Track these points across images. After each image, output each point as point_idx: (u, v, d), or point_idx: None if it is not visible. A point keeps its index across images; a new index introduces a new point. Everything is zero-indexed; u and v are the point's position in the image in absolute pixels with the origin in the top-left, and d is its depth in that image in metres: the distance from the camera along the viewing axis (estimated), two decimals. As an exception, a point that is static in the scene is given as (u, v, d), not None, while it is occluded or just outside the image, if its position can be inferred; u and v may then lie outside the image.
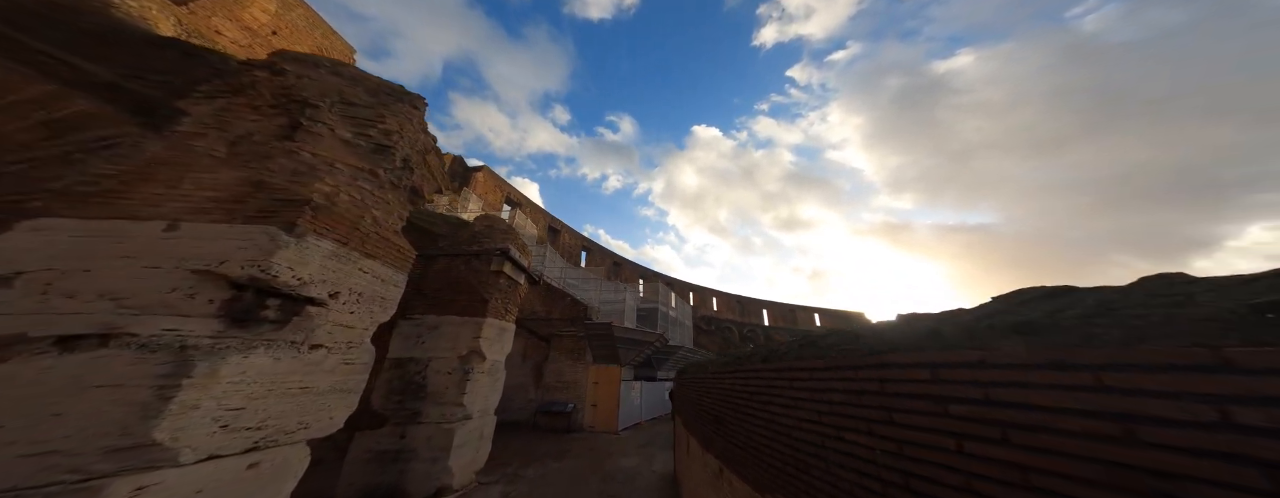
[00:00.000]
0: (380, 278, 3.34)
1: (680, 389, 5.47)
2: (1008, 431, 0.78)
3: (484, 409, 5.67)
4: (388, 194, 3.79)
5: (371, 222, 3.38)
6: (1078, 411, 0.68)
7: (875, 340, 1.30)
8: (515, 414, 10.99)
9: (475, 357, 5.37)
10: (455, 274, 5.90)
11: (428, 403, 4.90)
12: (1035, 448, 0.74)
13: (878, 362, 1.19)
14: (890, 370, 1.13)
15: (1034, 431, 0.74)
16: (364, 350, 3.12)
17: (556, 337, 11.57)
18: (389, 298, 3.47)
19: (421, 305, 5.55)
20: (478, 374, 5.34)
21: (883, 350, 1.20)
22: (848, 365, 1.30)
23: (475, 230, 6.55)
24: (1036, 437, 0.74)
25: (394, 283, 3.55)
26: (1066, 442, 0.69)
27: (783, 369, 1.82)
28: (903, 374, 1.08)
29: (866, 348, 1.29)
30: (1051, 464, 0.71)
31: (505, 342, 6.21)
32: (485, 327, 5.48)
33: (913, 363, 1.06)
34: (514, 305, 6.63)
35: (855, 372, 1.27)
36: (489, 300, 5.70)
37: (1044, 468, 0.72)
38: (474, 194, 16.49)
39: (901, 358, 1.10)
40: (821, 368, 1.46)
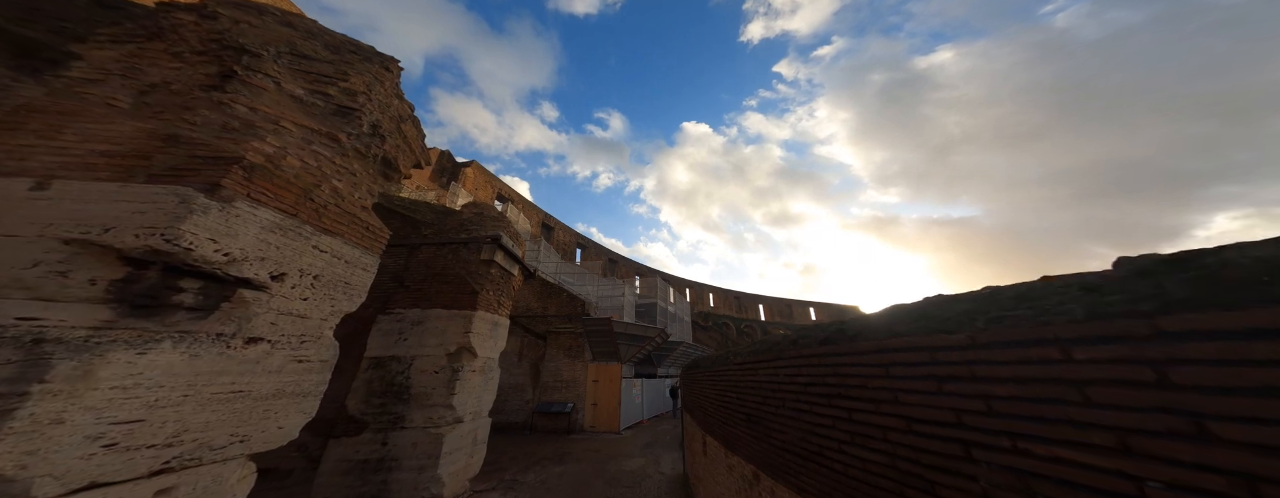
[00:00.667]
0: (343, 259, 2.78)
1: (691, 385, 4.99)
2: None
3: (477, 411, 5.13)
4: (353, 163, 3.22)
5: (331, 193, 2.82)
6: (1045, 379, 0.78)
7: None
8: (512, 416, 10.42)
9: (465, 354, 4.81)
10: (442, 264, 5.33)
11: (412, 406, 4.35)
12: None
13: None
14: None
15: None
16: (323, 346, 2.56)
17: (553, 334, 11.02)
18: (356, 284, 2.91)
19: (404, 299, 4.97)
20: (468, 373, 4.79)
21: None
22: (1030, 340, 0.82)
23: (464, 218, 5.98)
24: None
25: (362, 266, 2.99)
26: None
27: (862, 354, 1.33)
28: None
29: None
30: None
31: (499, 338, 5.66)
32: (476, 321, 4.93)
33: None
34: (507, 299, 6.08)
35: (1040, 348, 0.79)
36: (479, 292, 5.15)
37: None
38: (463, 190, 15.82)
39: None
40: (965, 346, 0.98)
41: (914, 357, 1.10)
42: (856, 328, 1.49)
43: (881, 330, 1.27)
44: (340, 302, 2.73)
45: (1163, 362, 0.63)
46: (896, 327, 1.22)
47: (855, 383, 1.35)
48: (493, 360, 5.51)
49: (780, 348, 2.09)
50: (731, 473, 2.94)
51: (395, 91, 3.93)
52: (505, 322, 5.92)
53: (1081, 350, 0.73)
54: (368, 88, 3.43)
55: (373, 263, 3.12)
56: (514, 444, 8.37)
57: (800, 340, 1.89)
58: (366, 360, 4.43)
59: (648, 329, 11.07)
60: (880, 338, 1.25)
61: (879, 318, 1.39)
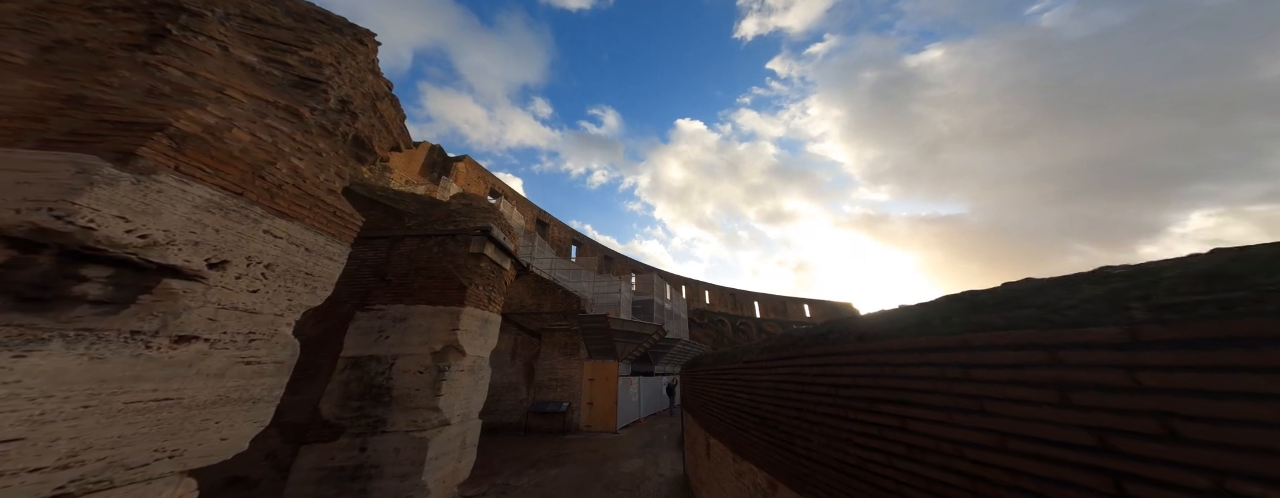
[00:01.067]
0: (303, 246, 2.44)
1: (693, 383, 4.72)
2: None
3: (465, 413, 4.81)
4: (318, 141, 2.87)
5: (289, 173, 2.47)
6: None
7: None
8: (504, 416, 10.11)
9: (452, 352, 4.49)
10: (427, 258, 4.98)
11: (394, 408, 4.01)
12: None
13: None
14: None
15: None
16: (278, 345, 2.22)
17: (548, 331, 10.70)
18: (320, 274, 2.57)
19: (385, 294, 4.62)
20: (456, 373, 4.47)
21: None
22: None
23: (451, 209, 5.62)
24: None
25: (327, 255, 2.65)
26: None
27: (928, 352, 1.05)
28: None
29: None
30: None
31: (489, 335, 5.34)
32: (464, 317, 4.60)
33: None
34: (499, 294, 5.75)
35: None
36: (468, 287, 4.81)
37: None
38: (455, 185, 15.36)
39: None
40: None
41: (1020, 357, 0.82)
42: (908, 321, 1.20)
43: (957, 325, 0.99)
44: (300, 295, 2.40)
45: None
46: (983, 319, 0.93)
47: (918, 387, 1.07)
48: (483, 359, 5.19)
49: (803, 344, 1.81)
50: (741, 480, 2.67)
51: (370, 67, 3.57)
52: (496, 319, 5.59)
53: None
54: (336, 60, 3.07)
55: (341, 252, 2.78)
56: (507, 446, 8.06)
57: (830, 335, 1.61)
58: (343, 361, 4.08)
59: (645, 326, 10.80)
60: (958, 332, 0.97)
61: (940, 309, 1.11)
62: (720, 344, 30.20)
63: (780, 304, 37.90)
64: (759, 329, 35.12)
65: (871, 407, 1.28)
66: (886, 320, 1.32)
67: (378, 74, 3.67)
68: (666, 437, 9.17)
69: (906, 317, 1.24)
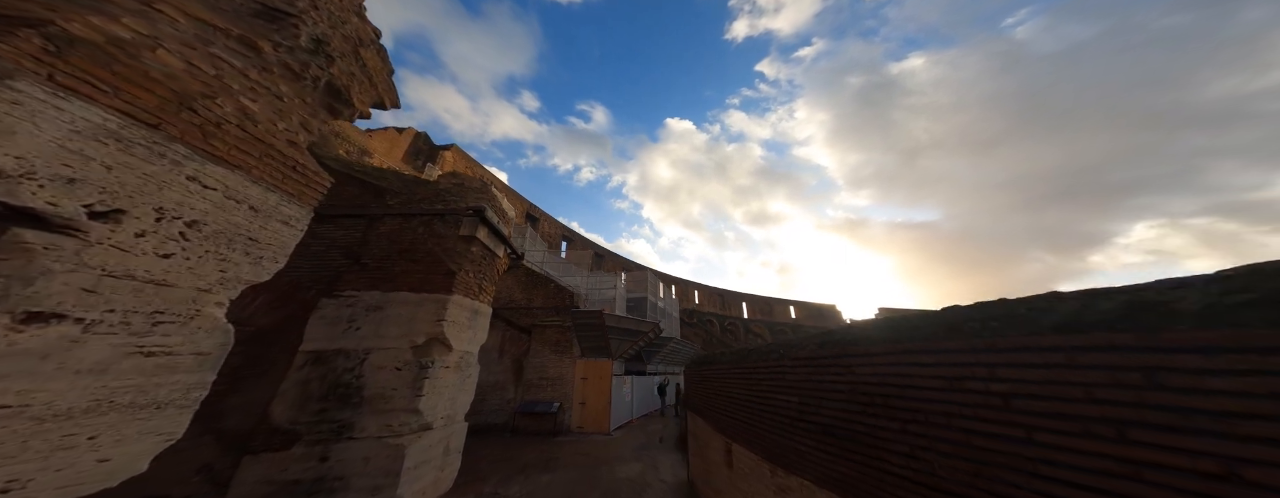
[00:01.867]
0: (246, 203, 1.86)
1: (704, 383, 4.29)
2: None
3: (450, 415, 4.22)
4: (280, 83, 2.29)
5: (236, 113, 1.90)
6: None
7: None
8: (491, 416, 9.44)
9: (437, 346, 3.90)
10: (410, 239, 4.37)
11: (365, 411, 3.40)
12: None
13: None
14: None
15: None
16: (199, 332, 1.65)
17: (539, 328, 10.08)
18: (269, 241, 1.99)
19: (359, 279, 3.98)
20: (440, 370, 3.89)
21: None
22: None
23: (440, 188, 5.01)
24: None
25: (281, 218, 2.08)
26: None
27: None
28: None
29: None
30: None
31: (479, 328, 4.76)
32: (451, 307, 4.02)
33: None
34: (490, 283, 5.17)
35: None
36: (457, 274, 4.23)
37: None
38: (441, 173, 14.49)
39: None
40: None
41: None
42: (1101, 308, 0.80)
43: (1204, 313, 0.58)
44: (238, 265, 1.82)
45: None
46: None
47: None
48: (471, 355, 4.61)
49: (906, 337, 1.40)
50: (785, 497, 2.25)
51: (355, 7, 2.99)
52: (487, 310, 5.01)
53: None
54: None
55: (299, 216, 2.20)
56: (494, 449, 7.43)
57: (979, 323, 1.19)
58: (303, 355, 3.44)
59: (641, 324, 10.33)
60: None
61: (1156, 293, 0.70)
62: (709, 344, 30.07)
63: (767, 305, 38.19)
64: (746, 329, 35.24)
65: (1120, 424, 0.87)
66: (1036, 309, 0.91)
67: (364, 17, 3.09)
68: (662, 439, 8.74)
69: (1105, 298, 0.83)
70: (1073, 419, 0.90)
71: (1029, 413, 0.98)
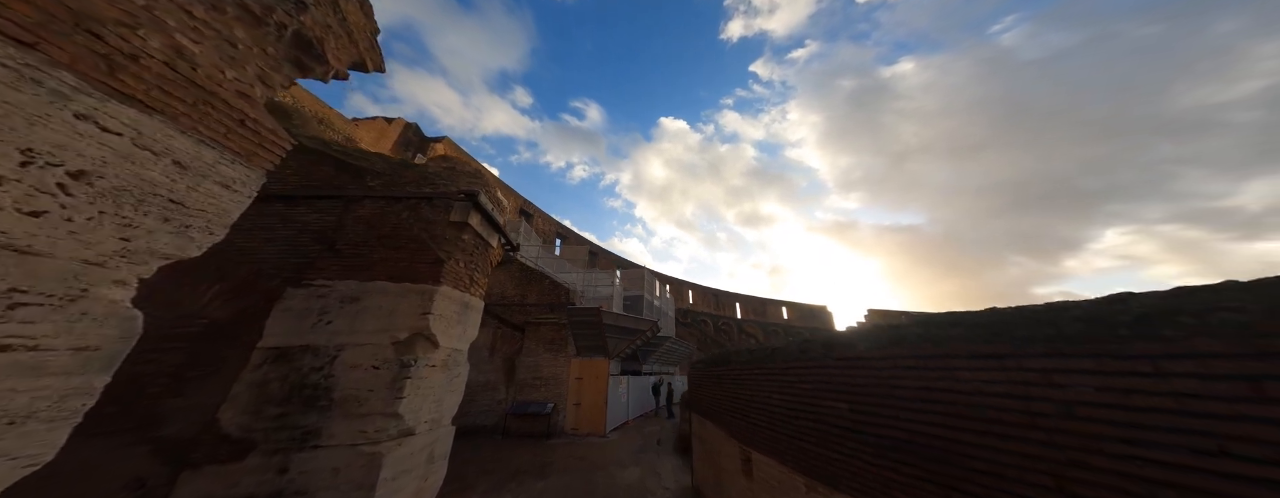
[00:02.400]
0: (169, 156, 1.44)
1: (716, 385, 3.96)
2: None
3: (436, 419, 3.79)
4: (235, 27, 1.88)
5: (164, 49, 1.48)
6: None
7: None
8: (479, 418, 8.96)
9: (421, 342, 3.47)
10: (392, 224, 3.92)
11: (334, 415, 2.96)
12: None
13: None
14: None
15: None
16: (88, 320, 1.23)
17: (532, 325, 9.64)
18: (197, 207, 1.57)
19: (332, 267, 3.53)
20: (425, 369, 3.46)
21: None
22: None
23: (428, 172, 4.56)
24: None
25: (220, 179, 1.66)
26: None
27: None
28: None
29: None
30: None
31: (469, 324, 4.33)
32: (438, 299, 3.59)
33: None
34: (483, 276, 4.74)
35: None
36: (446, 262, 3.81)
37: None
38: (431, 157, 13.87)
39: None
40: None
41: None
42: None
43: None
44: (153, 234, 1.40)
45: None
46: None
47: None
48: (460, 354, 4.18)
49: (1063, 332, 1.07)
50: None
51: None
52: (479, 304, 4.59)
53: None
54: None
55: (246, 180, 1.78)
56: (483, 452, 6.98)
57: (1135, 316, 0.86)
58: (262, 352, 2.98)
59: (640, 322, 9.97)
60: None
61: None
62: (703, 344, 29.91)
63: (761, 306, 38.23)
64: (739, 330, 35.24)
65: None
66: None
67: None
68: (660, 441, 8.39)
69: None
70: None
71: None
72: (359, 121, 14.71)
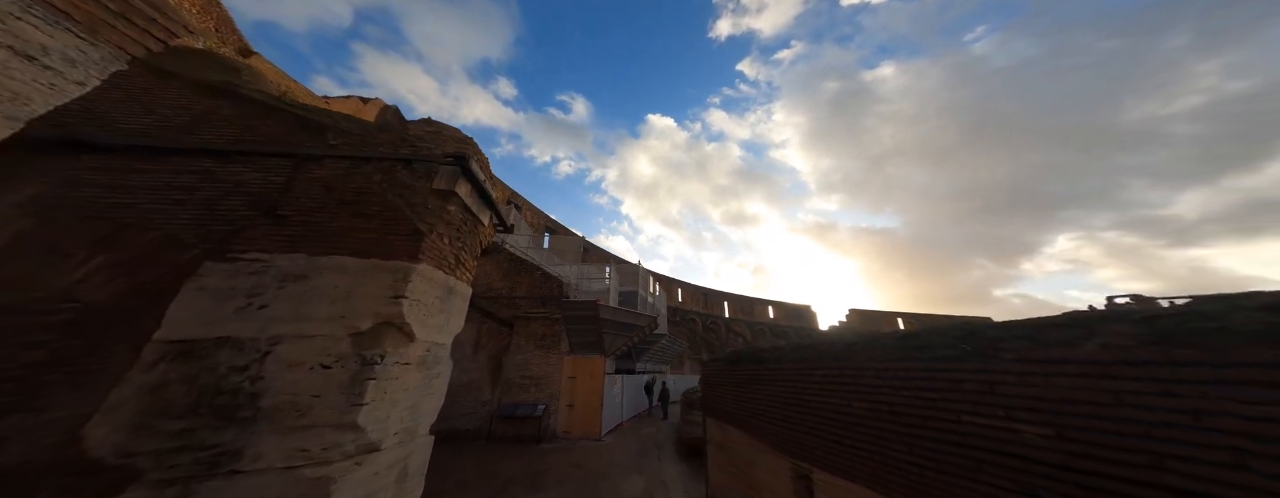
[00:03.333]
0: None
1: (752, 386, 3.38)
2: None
3: (410, 428, 3.04)
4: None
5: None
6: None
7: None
8: (461, 421, 8.10)
9: (391, 335, 2.72)
10: (358, 187, 3.15)
11: (261, 430, 2.17)
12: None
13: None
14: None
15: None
16: None
17: (522, 320, 8.84)
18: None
19: (272, 237, 2.72)
20: (395, 367, 2.71)
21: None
22: None
23: (410, 135, 3.79)
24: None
25: (25, 48, 0.90)
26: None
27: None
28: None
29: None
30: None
31: (453, 313, 3.59)
32: (415, 280, 2.85)
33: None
34: (470, 257, 3.99)
35: None
36: (426, 236, 3.07)
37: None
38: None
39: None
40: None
41: None
42: None
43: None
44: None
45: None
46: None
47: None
48: (441, 349, 3.43)
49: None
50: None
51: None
52: (465, 291, 3.84)
53: None
54: None
55: (89, 63, 1.03)
56: (467, 460, 6.16)
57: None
58: (159, 347, 2.15)
59: (638, 317, 9.33)
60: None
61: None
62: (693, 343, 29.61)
63: (748, 305, 38.36)
64: (727, 328, 35.22)
65: None
66: None
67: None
68: (656, 444, 7.79)
69: None
70: None
71: None
72: (330, 100, 13.39)
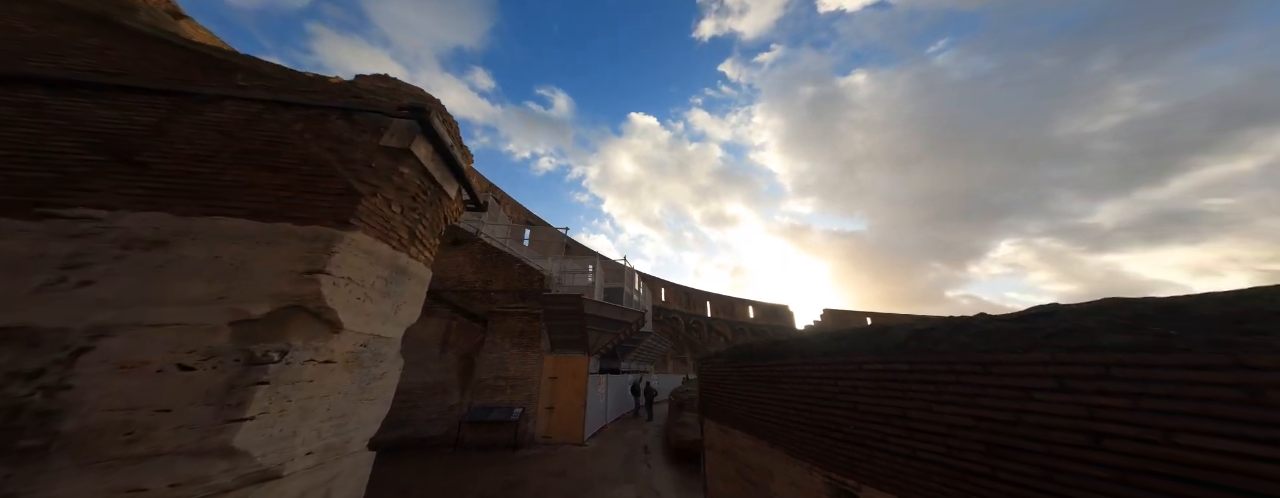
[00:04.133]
0: None
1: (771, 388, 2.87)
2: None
3: (333, 445, 2.30)
4: None
5: None
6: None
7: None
8: (424, 428, 7.19)
9: (300, 323, 1.99)
10: (270, 136, 2.40)
11: (55, 466, 1.40)
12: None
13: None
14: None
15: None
16: None
17: (498, 316, 8.02)
18: None
19: (120, 190, 1.93)
20: (306, 366, 1.98)
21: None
22: None
23: (358, 88, 3.02)
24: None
25: None
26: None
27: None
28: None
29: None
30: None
31: (404, 299, 2.86)
32: (344, 252, 2.13)
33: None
34: (430, 234, 3.26)
35: None
36: (364, 197, 2.36)
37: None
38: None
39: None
40: None
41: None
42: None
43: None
44: None
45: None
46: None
47: None
48: (386, 344, 2.70)
49: None
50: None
51: None
52: (422, 273, 3.12)
53: None
54: None
55: None
56: (431, 472, 5.33)
57: None
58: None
59: (626, 313, 8.71)
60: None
61: None
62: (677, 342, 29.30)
63: (729, 305, 38.59)
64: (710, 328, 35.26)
65: None
66: None
67: None
68: (648, 448, 7.22)
69: None
70: None
71: None
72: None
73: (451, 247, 7.55)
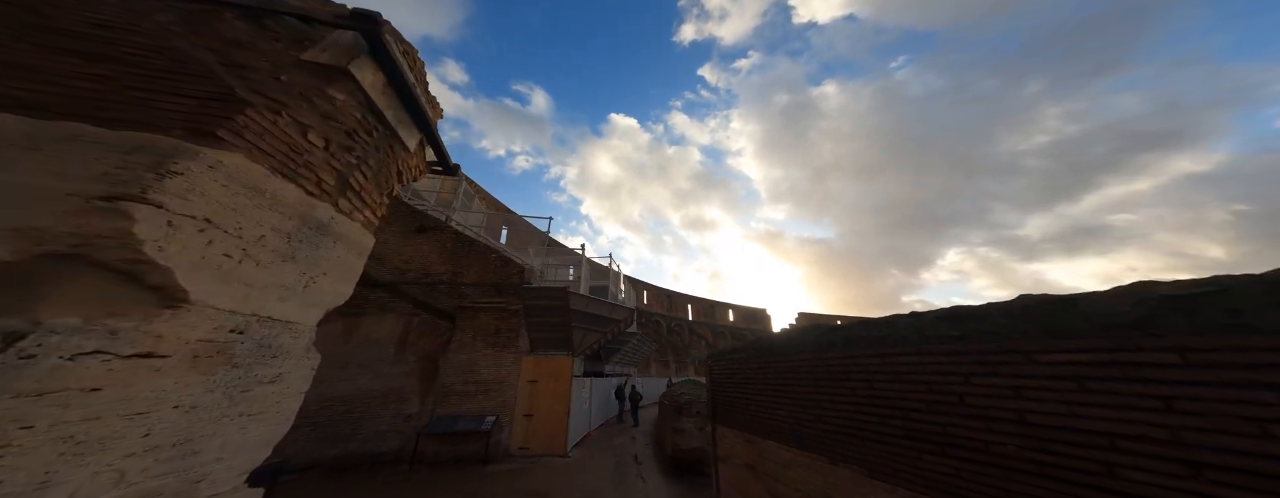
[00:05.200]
0: None
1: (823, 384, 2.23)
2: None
3: (164, 489, 1.40)
4: None
5: None
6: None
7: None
8: (375, 442, 6.05)
9: (80, 284, 1.12)
10: (107, 22, 1.49)
11: None
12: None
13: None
14: None
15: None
16: None
17: (468, 312, 7.01)
18: None
19: None
20: (93, 363, 1.13)
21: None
22: None
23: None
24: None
25: None
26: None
27: None
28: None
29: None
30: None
31: (320, 267, 1.98)
32: (200, 176, 1.30)
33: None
34: (375, 189, 2.39)
35: None
36: (251, 107, 1.51)
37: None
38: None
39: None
40: None
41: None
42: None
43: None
44: None
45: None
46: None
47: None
48: (285, 331, 1.83)
49: None
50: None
51: None
52: (358, 238, 2.26)
53: None
54: None
55: None
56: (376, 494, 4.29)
57: None
58: None
59: (614, 309, 7.92)
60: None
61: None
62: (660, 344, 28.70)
63: (709, 308, 38.51)
64: (691, 331, 34.99)
65: None
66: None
67: None
68: (638, 456, 6.43)
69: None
70: None
71: None
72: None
73: (416, 234, 6.51)
